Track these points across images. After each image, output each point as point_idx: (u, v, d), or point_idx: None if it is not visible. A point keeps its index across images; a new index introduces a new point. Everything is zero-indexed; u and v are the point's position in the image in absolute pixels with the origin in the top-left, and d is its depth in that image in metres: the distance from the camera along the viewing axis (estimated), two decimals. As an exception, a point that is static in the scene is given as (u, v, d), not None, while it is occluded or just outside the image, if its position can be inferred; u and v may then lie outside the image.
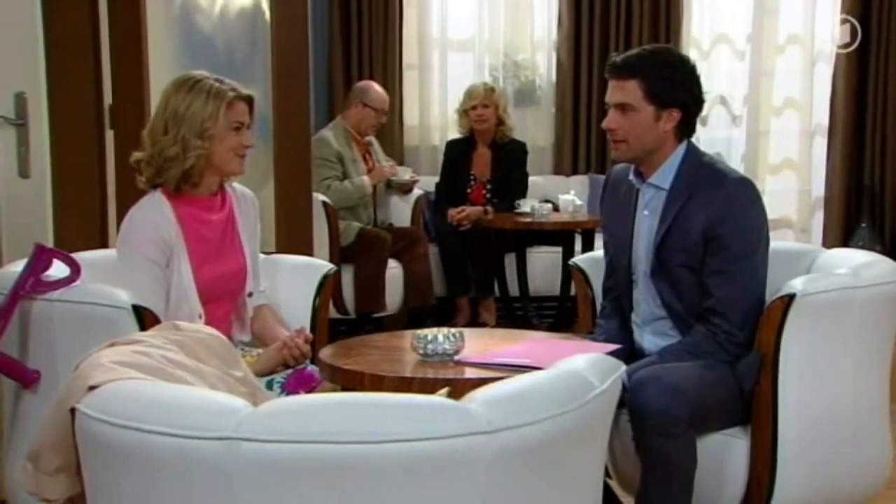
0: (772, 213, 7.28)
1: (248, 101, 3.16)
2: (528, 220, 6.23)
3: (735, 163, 7.33)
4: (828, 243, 7.10)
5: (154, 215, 3.08)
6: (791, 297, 2.92)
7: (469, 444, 1.73)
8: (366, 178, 6.14)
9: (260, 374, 3.01)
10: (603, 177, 6.83)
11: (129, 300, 2.83)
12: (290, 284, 3.46)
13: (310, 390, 2.96)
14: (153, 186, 3.13)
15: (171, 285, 3.07)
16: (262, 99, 4.84)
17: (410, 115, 7.47)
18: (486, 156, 6.58)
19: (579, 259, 3.57)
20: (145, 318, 2.80)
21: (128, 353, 1.90)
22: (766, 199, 3.22)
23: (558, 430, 1.84)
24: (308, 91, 4.78)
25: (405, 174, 6.61)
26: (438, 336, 2.73)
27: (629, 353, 3.21)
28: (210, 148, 3.06)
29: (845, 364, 3.07)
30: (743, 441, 3.00)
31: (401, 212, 6.58)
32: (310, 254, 4.81)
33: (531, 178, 6.90)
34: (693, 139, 3.19)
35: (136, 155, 3.15)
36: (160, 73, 4.31)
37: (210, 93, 3.06)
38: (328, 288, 3.43)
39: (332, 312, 5.94)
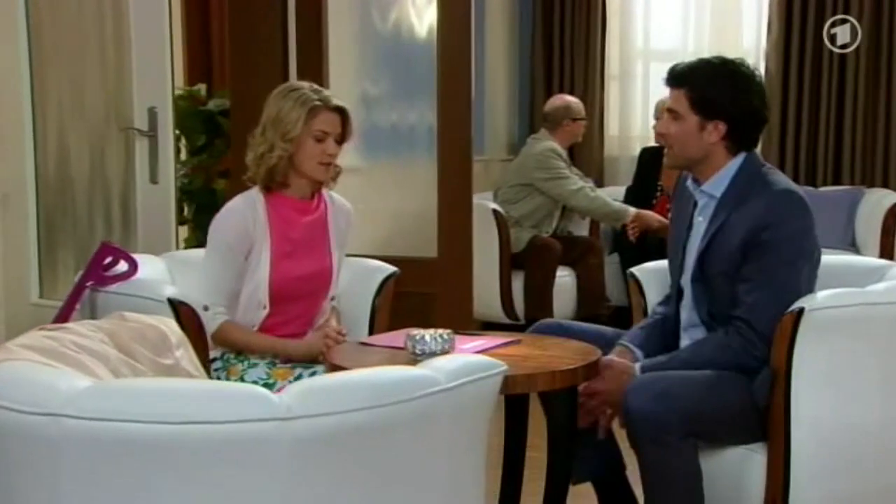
0: None
1: (340, 112, 3.29)
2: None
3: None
4: None
5: (244, 207, 3.30)
6: (801, 312, 2.84)
7: (267, 429, 1.86)
8: (632, 210, 6.12)
9: (303, 360, 3.23)
10: (810, 189, 6.62)
11: (166, 294, 3.12)
12: (354, 285, 3.59)
13: None
14: (253, 183, 3.35)
15: (247, 275, 3.27)
16: (429, 112, 5.08)
17: (612, 126, 7.49)
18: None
19: (637, 269, 3.57)
20: (180, 311, 3.08)
21: (38, 337, 2.14)
22: None
23: (376, 421, 1.93)
24: (469, 108, 4.92)
25: None
26: (426, 336, 2.83)
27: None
28: (293, 151, 3.24)
29: (871, 383, 2.96)
30: (761, 457, 2.93)
31: (580, 219, 6.62)
32: (470, 260, 4.98)
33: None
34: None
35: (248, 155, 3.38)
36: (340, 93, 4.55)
37: (298, 100, 3.25)
38: (389, 290, 3.57)
39: (503, 318, 6.12)
